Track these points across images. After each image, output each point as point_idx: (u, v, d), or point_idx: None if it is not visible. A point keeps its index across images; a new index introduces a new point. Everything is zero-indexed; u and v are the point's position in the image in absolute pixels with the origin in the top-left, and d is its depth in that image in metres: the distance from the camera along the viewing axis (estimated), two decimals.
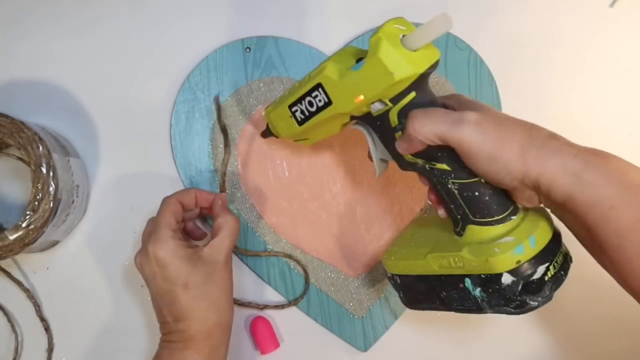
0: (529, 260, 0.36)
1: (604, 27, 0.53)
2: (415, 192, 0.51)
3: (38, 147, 0.42)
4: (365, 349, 0.50)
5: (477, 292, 0.38)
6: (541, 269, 0.36)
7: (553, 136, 0.36)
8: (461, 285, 0.38)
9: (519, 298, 0.36)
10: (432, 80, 0.50)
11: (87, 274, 0.49)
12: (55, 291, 0.49)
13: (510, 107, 0.51)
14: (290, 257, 0.49)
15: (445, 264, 0.39)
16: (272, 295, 0.50)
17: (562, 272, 0.38)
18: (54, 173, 0.42)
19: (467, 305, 0.39)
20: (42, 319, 0.48)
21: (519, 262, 0.36)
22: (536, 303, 0.37)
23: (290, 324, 0.50)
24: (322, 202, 0.50)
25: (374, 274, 0.50)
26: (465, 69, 0.51)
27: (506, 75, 0.51)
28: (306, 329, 0.50)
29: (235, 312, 0.49)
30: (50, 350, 0.48)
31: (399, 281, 0.43)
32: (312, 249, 0.50)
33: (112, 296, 0.49)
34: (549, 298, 0.37)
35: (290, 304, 0.49)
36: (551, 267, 0.37)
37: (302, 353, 0.50)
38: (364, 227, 0.50)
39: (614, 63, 0.53)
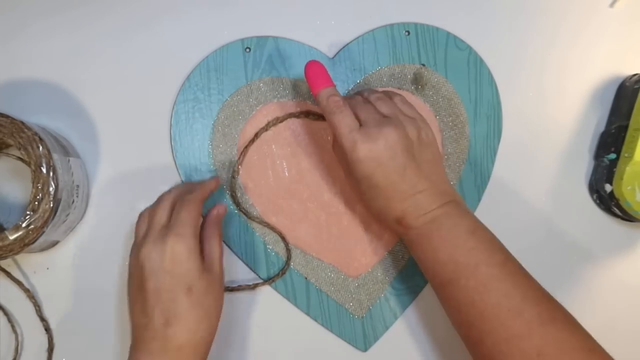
0: None
1: (604, 27, 0.53)
2: None
3: (38, 147, 0.42)
4: (365, 349, 0.50)
5: None
6: None
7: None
8: None
9: None
10: (433, 80, 0.50)
11: (87, 274, 0.49)
12: (55, 291, 0.49)
13: (511, 107, 0.51)
14: (272, 228, 0.49)
15: None
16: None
17: None
18: (54, 173, 0.42)
19: None
20: (42, 319, 0.48)
21: None
22: None
23: (290, 323, 0.50)
24: (322, 202, 0.50)
25: (374, 274, 0.50)
26: (465, 69, 0.51)
27: (506, 75, 0.51)
28: (306, 329, 0.50)
29: (229, 303, 0.49)
30: (50, 350, 0.48)
31: None
32: (312, 249, 0.50)
33: (112, 296, 0.49)
34: None
35: (279, 274, 0.49)
36: None
37: (302, 353, 0.50)
38: (363, 227, 0.50)
39: (614, 63, 0.53)
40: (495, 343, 0.38)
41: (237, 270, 0.50)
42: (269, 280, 0.49)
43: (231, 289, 0.49)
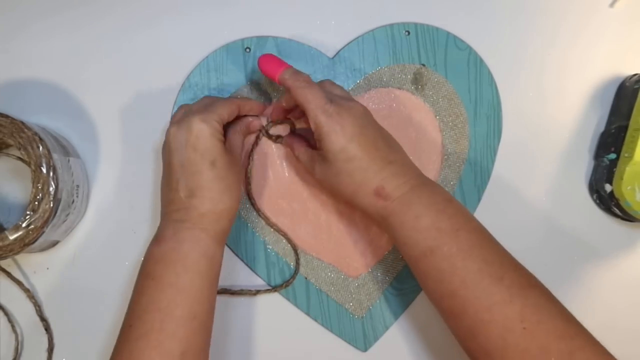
0: None
1: (604, 27, 0.53)
2: None
3: (38, 147, 0.42)
4: (365, 349, 0.50)
5: None
6: None
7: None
8: None
9: None
10: (433, 80, 0.50)
11: (87, 274, 0.49)
12: (55, 291, 0.49)
13: (511, 107, 0.51)
14: (284, 235, 0.50)
15: None
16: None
17: None
18: (54, 173, 0.42)
19: None
20: (42, 319, 0.48)
21: None
22: None
23: (290, 324, 0.50)
24: (322, 202, 0.50)
25: (374, 274, 0.50)
26: (465, 69, 0.51)
27: (506, 75, 0.51)
28: (306, 329, 0.50)
29: (229, 303, 0.49)
30: (50, 350, 0.48)
31: None
32: (312, 249, 0.50)
33: (112, 296, 0.49)
34: None
35: (282, 285, 0.49)
36: None
37: (302, 353, 0.50)
38: (363, 227, 0.50)
39: (614, 63, 0.53)
40: (478, 312, 0.38)
41: (238, 270, 0.50)
42: (273, 288, 0.49)
43: (232, 293, 0.49)
